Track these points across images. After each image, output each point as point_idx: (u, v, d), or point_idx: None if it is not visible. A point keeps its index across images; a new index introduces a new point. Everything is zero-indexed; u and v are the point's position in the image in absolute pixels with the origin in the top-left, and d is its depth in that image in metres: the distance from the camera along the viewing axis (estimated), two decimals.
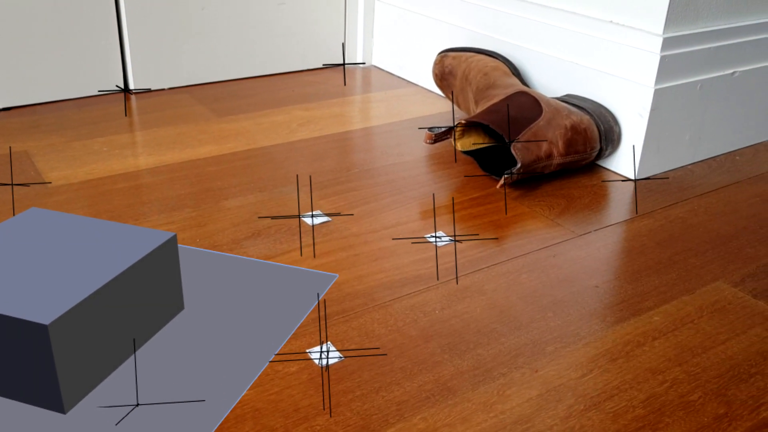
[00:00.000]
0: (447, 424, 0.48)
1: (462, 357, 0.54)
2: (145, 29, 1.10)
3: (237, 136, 0.97)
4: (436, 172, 0.87)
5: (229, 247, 0.69)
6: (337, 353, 0.54)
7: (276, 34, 1.23)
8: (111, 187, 0.81)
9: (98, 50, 1.08)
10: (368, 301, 0.61)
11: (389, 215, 0.76)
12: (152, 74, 1.14)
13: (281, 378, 0.51)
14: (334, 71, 1.28)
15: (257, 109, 1.08)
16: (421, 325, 0.58)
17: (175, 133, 0.97)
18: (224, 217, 0.75)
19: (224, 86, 1.18)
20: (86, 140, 0.94)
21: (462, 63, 0.98)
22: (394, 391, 0.51)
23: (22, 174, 0.83)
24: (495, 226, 0.74)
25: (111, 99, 1.10)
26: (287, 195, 0.80)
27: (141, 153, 0.90)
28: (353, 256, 0.68)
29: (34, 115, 1.02)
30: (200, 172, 0.85)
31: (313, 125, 1.02)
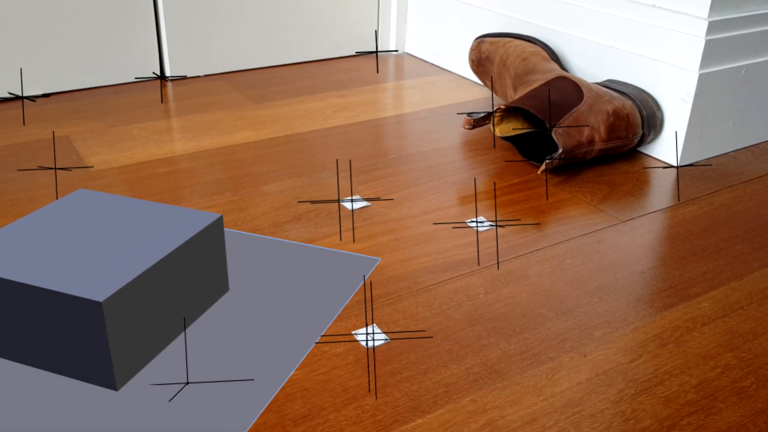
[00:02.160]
0: (496, 406, 0.48)
1: (509, 341, 0.54)
2: (182, 17, 1.11)
3: (273, 122, 0.97)
4: (474, 158, 0.86)
5: (270, 230, 0.69)
6: (382, 335, 0.54)
7: (310, 22, 1.23)
8: (151, 171, 0.81)
9: (135, 38, 1.09)
10: (411, 284, 0.61)
11: (429, 200, 0.76)
12: (188, 61, 1.14)
13: (328, 359, 0.52)
14: (367, 58, 1.28)
15: (292, 95, 1.08)
16: (465, 308, 0.58)
17: (212, 119, 0.98)
18: (264, 201, 0.75)
19: (259, 73, 1.18)
20: (125, 126, 0.94)
21: (499, 48, 0.97)
22: (441, 373, 0.50)
23: (65, 158, 0.84)
24: (536, 212, 0.74)
25: (147, 86, 1.10)
26: (325, 180, 0.80)
27: (179, 138, 0.91)
28: (394, 240, 0.68)
29: (73, 101, 1.03)
30: (238, 158, 0.86)
31: (348, 112, 1.01)
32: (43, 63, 1.03)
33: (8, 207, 0.72)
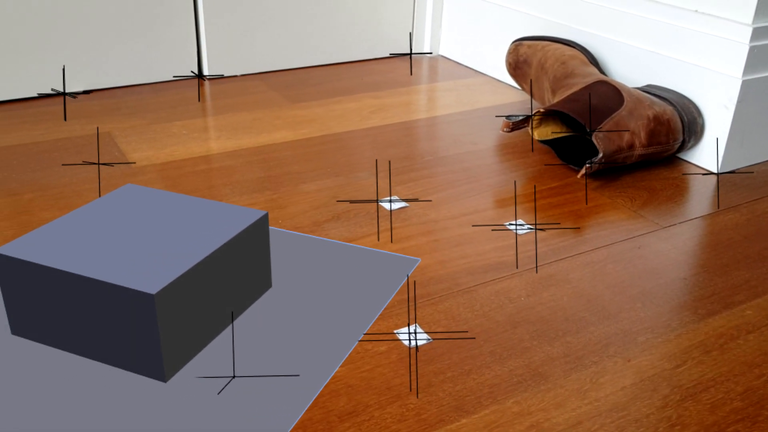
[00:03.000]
0: (541, 408, 0.47)
1: (551, 344, 0.54)
2: (221, 17, 1.12)
3: (310, 122, 0.98)
4: (512, 161, 0.86)
5: (310, 228, 0.70)
6: (425, 335, 0.54)
7: (345, 23, 1.23)
8: (192, 168, 0.82)
9: (175, 37, 1.11)
10: (452, 285, 0.61)
11: (467, 202, 0.76)
12: (226, 61, 1.16)
13: (371, 357, 0.52)
14: (401, 60, 1.28)
15: (328, 96, 1.08)
16: (507, 311, 0.58)
17: (250, 118, 0.99)
18: (304, 199, 0.76)
19: (295, 74, 1.19)
20: (165, 123, 0.96)
21: (537, 52, 0.97)
22: (485, 374, 0.50)
23: (107, 154, 0.85)
24: (575, 216, 0.73)
25: (185, 84, 1.12)
26: (363, 180, 0.81)
27: (218, 137, 0.92)
28: (433, 241, 0.68)
29: (113, 98, 1.05)
30: (277, 156, 0.86)
31: (384, 113, 1.02)
32: (85, 61, 1.05)
33: (54, 200, 0.74)
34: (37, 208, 0.72)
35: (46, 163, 0.83)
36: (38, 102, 1.02)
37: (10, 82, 1.01)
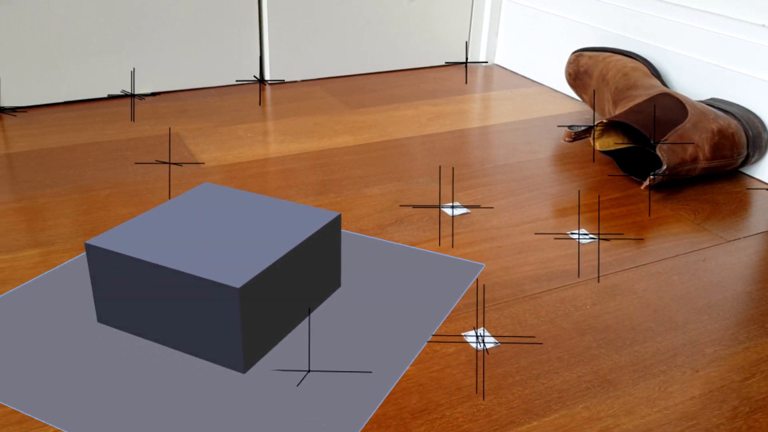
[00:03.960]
0: (611, 414, 0.48)
1: (619, 352, 0.54)
2: (284, 24, 1.15)
3: (370, 127, 1.00)
4: (572, 171, 0.87)
5: (374, 231, 0.71)
6: (492, 339, 0.55)
7: (404, 31, 1.25)
8: (259, 170, 0.85)
9: (239, 43, 1.14)
10: (517, 291, 0.62)
11: (528, 210, 0.77)
12: (287, 66, 1.18)
13: (441, 358, 0.53)
14: (457, 69, 1.30)
15: (387, 102, 1.10)
16: (573, 318, 0.58)
17: (311, 122, 1.01)
18: (367, 203, 0.77)
19: (353, 80, 1.21)
20: (230, 126, 0.99)
21: (599, 63, 0.97)
22: (553, 379, 0.51)
23: (177, 154, 0.89)
24: (638, 227, 0.74)
25: (247, 88, 1.15)
26: (424, 185, 0.82)
27: (282, 140, 0.94)
28: (497, 247, 0.69)
29: (179, 100, 1.08)
30: (339, 160, 0.88)
31: (442, 120, 1.03)
32: (152, 64, 1.09)
33: (128, 197, 0.77)
34: (113, 204, 0.75)
35: (120, 161, 0.86)
36: (108, 102, 1.07)
37: (82, 83, 1.05)
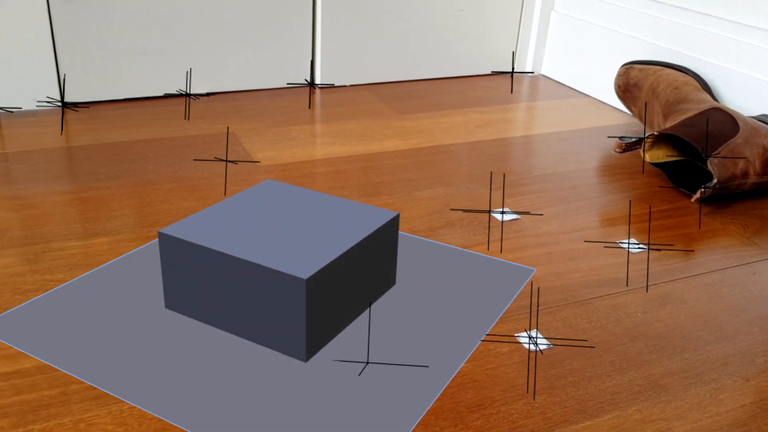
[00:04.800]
0: (663, 418, 0.49)
1: (670, 359, 0.55)
2: (336, 29, 1.18)
3: (419, 133, 1.02)
4: (621, 182, 0.87)
5: (426, 233, 0.73)
6: (545, 341, 0.57)
7: (451, 40, 1.27)
8: (312, 170, 0.87)
9: (292, 47, 1.17)
10: (568, 296, 0.63)
11: (577, 218, 0.78)
12: (337, 71, 1.21)
13: (495, 356, 0.55)
14: (503, 78, 1.31)
15: (435, 109, 1.12)
16: (625, 324, 0.59)
17: (361, 126, 1.04)
18: (418, 205, 0.79)
19: (401, 86, 1.24)
20: (283, 127, 1.02)
21: (649, 76, 0.98)
22: (606, 382, 0.52)
23: (233, 153, 0.92)
24: (687, 239, 0.74)
25: (298, 91, 1.18)
26: (474, 191, 0.84)
27: (333, 142, 0.97)
28: (547, 253, 0.70)
29: (233, 101, 1.12)
30: (390, 164, 0.91)
31: (490, 128, 1.05)
32: (208, 65, 1.13)
33: (189, 191, 0.80)
34: (174, 198, 0.78)
35: (179, 157, 0.89)
36: (164, 101, 1.10)
37: (140, 82, 1.09)
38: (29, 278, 0.62)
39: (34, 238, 0.68)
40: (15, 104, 1.03)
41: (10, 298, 0.59)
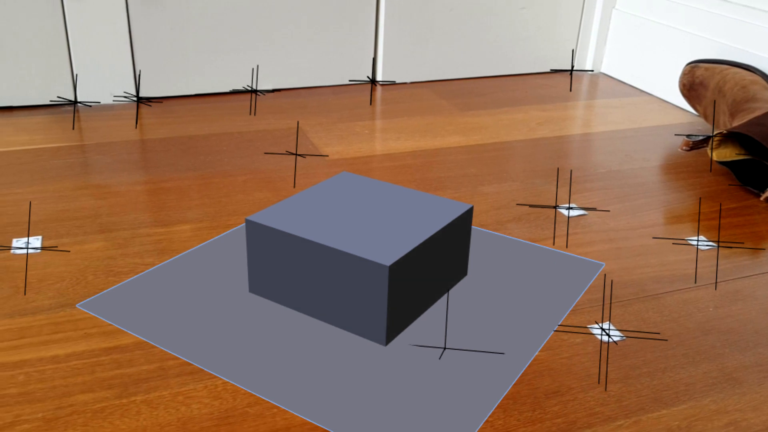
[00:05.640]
0: (738, 409, 0.50)
1: (743, 353, 0.56)
2: (398, 28, 1.20)
3: (481, 129, 1.03)
4: (687, 180, 0.87)
5: (494, 227, 0.75)
6: (617, 332, 0.58)
7: (510, 37, 1.28)
8: (379, 164, 0.90)
9: (355, 45, 1.20)
10: (639, 291, 0.64)
11: (645, 215, 0.78)
12: (398, 68, 1.23)
13: (569, 346, 0.56)
14: (562, 76, 1.31)
15: (495, 106, 1.13)
16: (696, 319, 0.60)
17: (424, 122, 1.05)
18: (485, 200, 0.81)
19: (461, 83, 1.25)
20: (348, 122, 1.04)
21: (715, 75, 0.97)
22: (680, 373, 0.53)
23: (302, 147, 0.95)
24: (756, 237, 0.74)
25: (360, 88, 1.21)
26: (539, 186, 0.85)
27: (398, 138, 0.99)
28: (615, 249, 0.71)
29: (298, 97, 1.15)
30: (454, 159, 0.92)
31: (552, 125, 1.06)
32: (274, 62, 1.16)
33: (263, 183, 0.83)
34: (250, 189, 0.81)
35: (251, 150, 0.93)
36: (231, 97, 1.14)
37: (209, 78, 1.13)
38: (121, 261, 0.65)
39: (122, 224, 0.72)
40: (94, 99, 1.08)
41: (104, 280, 0.62)
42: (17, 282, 0.62)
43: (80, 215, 0.74)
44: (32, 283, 0.62)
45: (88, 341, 0.54)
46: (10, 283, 0.62)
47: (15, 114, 1.02)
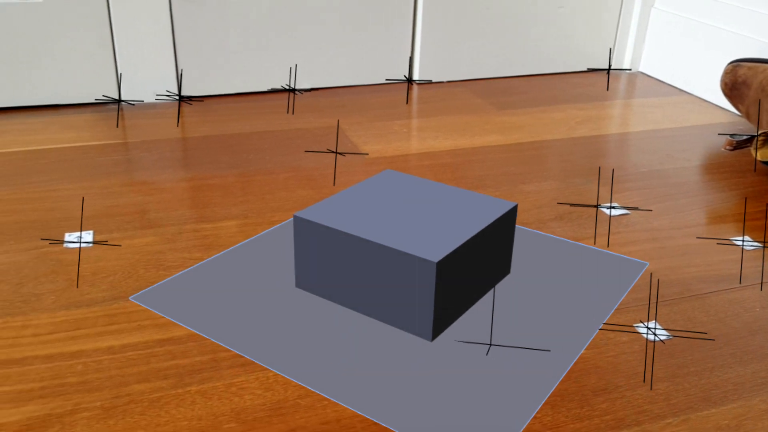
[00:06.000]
0: None
1: None
2: (436, 27, 1.20)
3: (519, 128, 1.03)
4: (730, 180, 0.87)
5: (536, 225, 0.75)
6: (664, 331, 0.58)
7: (547, 36, 1.28)
8: (418, 163, 0.90)
9: (392, 45, 1.20)
10: (684, 290, 0.64)
11: (688, 215, 0.78)
12: (434, 67, 1.24)
13: (615, 345, 0.56)
14: (599, 75, 1.31)
15: (533, 105, 1.13)
16: (743, 319, 0.60)
17: (461, 121, 1.06)
18: (526, 199, 0.81)
19: (497, 82, 1.25)
20: (385, 121, 1.05)
21: (758, 74, 0.96)
22: (728, 373, 0.53)
23: (341, 145, 0.95)
24: None
25: (396, 87, 1.21)
26: (580, 186, 0.85)
27: (436, 136, 0.99)
28: (659, 248, 0.71)
29: (336, 96, 1.16)
30: (493, 158, 0.92)
31: (591, 124, 1.05)
32: (310, 62, 1.17)
33: (305, 181, 0.84)
34: (292, 186, 0.83)
35: (292, 148, 0.94)
36: (269, 96, 1.15)
37: (248, 77, 1.15)
38: (170, 256, 0.67)
39: (169, 220, 0.74)
40: (137, 97, 1.10)
41: (155, 273, 0.64)
42: (71, 275, 0.64)
43: (128, 211, 0.76)
44: (86, 276, 0.63)
45: (142, 333, 0.56)
46: (65, 276, 0.63)
47: (61, 112, 1.05)
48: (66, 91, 1.07)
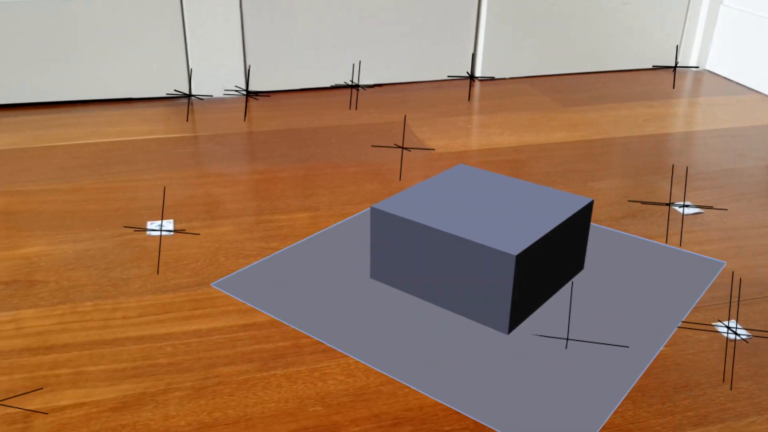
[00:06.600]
0: None
1: None
2: (499, 23, 1.20)
3: (586, 125, 1.03)
4: None
5: (608, 222, 0.75)
6: (744, 331, 0.57)
7: (614, 33, 1.26)
8: (485, 159, 0.91)
9: (454, 41, 1.21)
10: (764, 290, 0.63)
11: (764, 214, 0.76)
12: (497, 64, 1.24)
13: (694, 343, 0.56)
14: (665, 72, 1.28)
15: (600, 102, 1.12)
16: None
17: (526, 118, 1.06)
18: (595, 196, 0.81)
19: (561, 79, 1.24)
20: (450, 117, 1.06)
21: None
22: None
23: (407, 140, 0.96)
24: None
25: (458, 83, 1.22)
26: (652, 183, 0.84)
27: (501, 133, 1.00)
28: (736, 247, 0.70)
29: (399, 92, 1.17)
30: (561, 155, 0.92)
31: (659, 122, 1.04)
32: (374, 58, 1.18)
33: (372, 175, 0.85)
34: (361, 180, 0.84)
35: (358, 143, 0.95)
36: (332, 91, 1.17)
37: (313, 73, 1.17)
38: (248, 245, 0.69)
39: (245, 210, 0.76)
40: (207, 92, 1.13)
41: (235, 261, 0.66)
42: (155, 261, 0.66)
43: (206, 201, 0.78)
44: (169, 263, 0.66)
45: (226, 318, 0.58)
46: (149, 262, 0.66)
47: (135, 105, 1.09)
48: (139, 85, 1.10)
